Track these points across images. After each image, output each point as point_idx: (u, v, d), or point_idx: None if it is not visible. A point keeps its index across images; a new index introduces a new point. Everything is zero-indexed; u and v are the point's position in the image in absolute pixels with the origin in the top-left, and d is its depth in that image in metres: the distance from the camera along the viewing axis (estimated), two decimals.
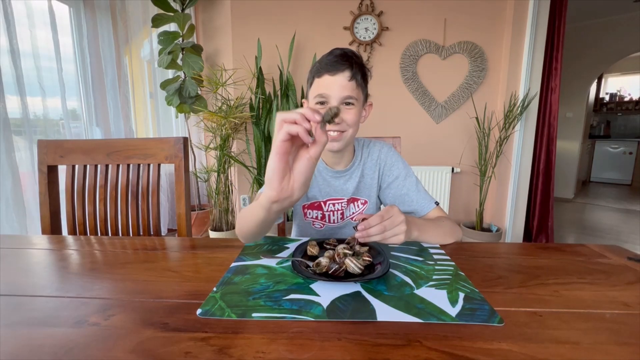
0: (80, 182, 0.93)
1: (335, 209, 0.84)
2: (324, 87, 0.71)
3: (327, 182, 0.84)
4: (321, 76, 0.71)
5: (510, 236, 2.33)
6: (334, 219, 0.85)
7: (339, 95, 0.70)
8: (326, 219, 0.85)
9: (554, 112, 2.38)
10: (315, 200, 0.84)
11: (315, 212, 0.85)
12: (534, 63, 2.15)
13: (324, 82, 0.71)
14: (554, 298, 0.47)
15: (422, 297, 0.46)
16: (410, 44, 2.20)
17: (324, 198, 0.84)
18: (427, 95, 2.26)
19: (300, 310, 0.42)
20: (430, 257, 0.61)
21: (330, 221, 0.85)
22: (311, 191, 0.85)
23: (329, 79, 0.70)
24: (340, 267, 0.52)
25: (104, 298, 0.47)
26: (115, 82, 2.05)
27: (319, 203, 0.84)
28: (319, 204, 0.84)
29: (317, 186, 0.84)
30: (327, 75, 0.71)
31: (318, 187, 0.84)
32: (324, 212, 0.84)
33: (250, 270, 0.55)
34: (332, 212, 0.84)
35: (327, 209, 0.84)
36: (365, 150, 0.86)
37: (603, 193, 4.51)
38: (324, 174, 0.84)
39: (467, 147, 2.31)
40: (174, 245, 0.71)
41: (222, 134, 2.12)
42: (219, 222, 2.26)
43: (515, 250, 0.67)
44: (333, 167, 0.84)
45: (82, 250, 0.67)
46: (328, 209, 0.84)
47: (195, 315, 0.42)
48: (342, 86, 0.70)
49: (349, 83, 0.70)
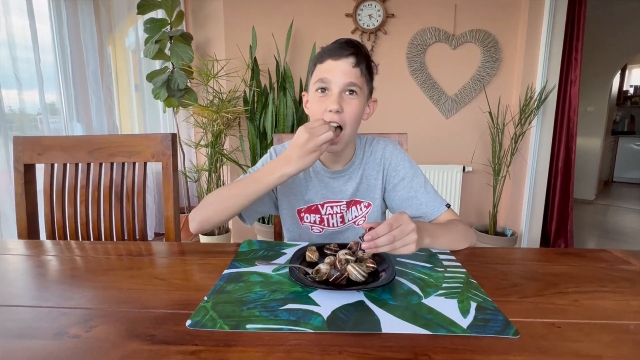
0: (59, 182, 0.93)
1: (334, 211, 0.84)
2: (325, 72, 0.71)
3: (324, 184, 0.84)
4: (323, 61, 0.72)
5: (526, 241, 2.33)
6: (334, 222, 0.85)
7: (342, 82, 0.70)
8: (325, 222, 0.85)
9: (574, 106, 2.38)
10: (312, 203, 0.84)
11: (312, 216, 0.84)
12: (551, 53, 2.15)
13: (326, 66, 0.71)
14: (573, 308, 0.47)
15: (430, 306, 0.46)
16: (418, 32, 2.20)
17: (321, 200, 0.84)
18: (436, 88, 2.26)
19: (299, 321, 0.42)
20: (440, 263, 0.61)
21: (329, 225, 0.85)
22: (307, 194, 0.84)
23: (331, 64, 0.70)
24: (341, 275, 0.52)
25: (86, 308, 0.47)
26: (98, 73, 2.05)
27: (316, 206, 0.84)
28: (316, 207, 0.84)
29: (313, 188, 0.84)
30: (329, 60, 0.71)
31: (314, 190, 0.84)
32: (322, 215, 0.84)
33: (245, 277, 0.55)
34: (330, 216, 0.84)
35: (325, 212, 0.84)
36: (368, 149, 0.85)
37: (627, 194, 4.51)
38: (320, 174, 0.84)
39: (480, 144, 2.31)
40: (162, 250, 0.71)
41: (214, 130, 2.12)
42: None
43: (532, 256, 0.67)
44: (330, 166, 0.83)
45: (61, 256, 0.67)
46: (326, 212, 0.84)
47: (184, 327, 0.42)
48: (345, 72, 0.70)
49: (353, 69, 0.70)
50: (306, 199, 0.84)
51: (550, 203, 2.53)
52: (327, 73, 0.71)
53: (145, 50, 2.12)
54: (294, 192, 0.85)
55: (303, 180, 0.84)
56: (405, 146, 1.00)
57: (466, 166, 2.29)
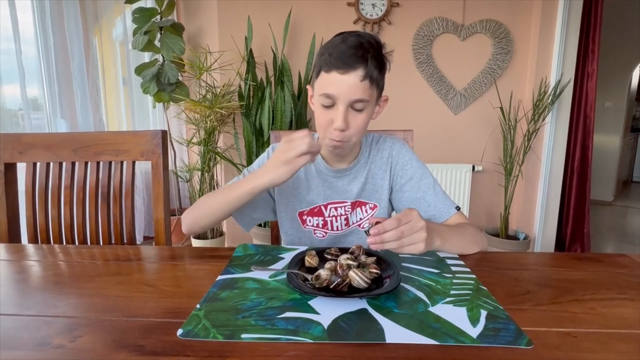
0: (42, 183, 0.93)
1: (338, 213, 0.84)
2: (331, 86, 0.69)
3: (327, 183, 0.84)
4: (329, 71, 0.69)
5: (539, 245, 2.33)
6: (337, 225, 0.85)
7: (348, 99, 0.69)
8: (328, 225, 0.85)
9: (591, 101, 2.38)
10: (315, 205, 0.84)
11: (315, 219, 0.84)
12: (567, 44, 2.16)
13: (331, 79, 0.68)
14: (590, 316, 0.47)
15: (438, 315, 0.46)
16: (425, 22, 2.20)
17: (324, 201, 0.84)
18: (443, 82, 2.26)
19: (297, 331, 0.42)
20: (448, 269, 0.61)
21: (333, 228, 0.85)
22: (309, 195, 0.84)
23: (337, 78, 0.68)
24: (343, 281, 0.52)
25: (70, 316, 0.47)
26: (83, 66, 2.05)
27: (319, 208, 0.84)
28: (319, 209, 0.84)
29: (316, 188, 0.84)
30: (335, 72, 0.68)
31: (317, 190, 0.84)
32: (326, 218, 0.84)
33: (240, 284, 0.55)
34: (334, 218, 0.84)
35: (329, 214, 0.84)
36: (374, 147, 0.85)
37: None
38: (324, 174, 0.84)
39: (490, 141, 2.31)
40: (151, 255, 0.71)
41: (207, 127, 2.12)
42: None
43: (546, 261, 0.67)
44: (334, 164, 0.84)
45: (44, 261, 0.67)
46: (330, 214, 0.84)
47: (175, 337, 0.42)
48: (352, 87, 0.68)
49: (361, 84, 0.68)
50: (308, 200, 0.84)
51: (565, 205, 2.53)
52: (333, 88, 0.69)
53: (133, 42, 2.12)
54: (295, 193, 0.85)
55: (304, 180, 0.84)
56: (411, 144, 1.00)
57: (476, 165, 2.29)
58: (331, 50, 0.69)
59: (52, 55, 1.90)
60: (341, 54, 0.67)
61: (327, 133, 0.73)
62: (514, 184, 2.21)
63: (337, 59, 0.68)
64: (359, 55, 0.67)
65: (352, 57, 0.67)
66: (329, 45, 0.71)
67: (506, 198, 2.22)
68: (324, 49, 0.71)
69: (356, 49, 0.67)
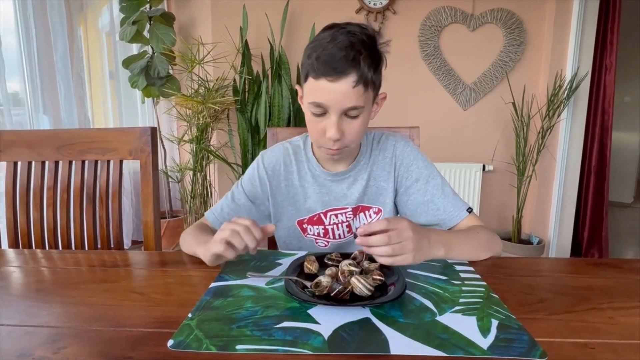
0: (23, 183, 0.93)
1: (339, 221, 0.83)
2: (321, 95, 0.67)
3: (325, 189, 0.83)
4: (318, 78, 0.66)
5: (554, 250, 2.33)
6: (339, 233, 0.84)
7: (340, 107, 0.67)
8: (330, 234, 0.84)
9: (609, 96, 2.38)
10: (314, 213, 0.83)
11: (316, 227, 0.84)
12: (584, 35, 2.16)
13: (321, 87, 0.66)
14: (608, 326, 0.47)
15: (446, 325, 0.46)
16: (432, 11, 2.20)
17: (323, 209, 0.83)
18: (452, 76, 2.26)
19: (296, 342, 0.42)
20: (457, 275, 0.61)
21: (335, 237, 0.84)
22: (307, 202, 0.84)
23: (327, 85, 0.65)
24: (345, 288, 0.52)
25: (53, 326, 0.47)
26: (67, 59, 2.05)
27: (319, 216, 0.83)
28: (318, 217, 0.83)
29: (314, 195, 0.83)
30: (324, 80, 0.65)
31: (315, 196, 0.83)
32: (326, 226, 0.84)
33: (234, 291, 0.55)
34: (335, 226, 0.84)
35: (329, 222, 0.83)
36: (376, 146, 0.84)
37: None
38: (320, 178, 0.83)
39: (502, 139, 2.31)
40: (140, 260, 0.71)
41: (199, 124, 2.12)
42: None
43: (561, 267, 0.67)
44: (330, 168, 0.83)
45: (25, 267, 0.67)
46: (330, 221, 0.83)
47: (165, 348, 0.42)
48: (344, 95, 0.65)
49: (353, 90, 0.65)
50: (307, 208, 0.83)
51: (582, 207, 2.53)
52: (323, 96, 0.67)
53: (121, 33, 2.12)
54: (292, 202, 0.84)
55: (299, 187, 0.84)
56: (416, 142, 1.00)
57: (486, 164, 2.29)
58: (318, 53, 0.65)
59: (33, 46, 1.90)
60: (330, 59, 0.64)
61: (321, 142, 0.72)
62: (527, 185, 2.21)
63: (326, 64, 0.64)
64: (350, 58, 0.64)
65: (342, 62, 0.64)
66: (316, 45, 0.67)
67: (519, 200, 2.22)
68: (311, 49, 0.68)
69: (347, 51, 0.64)
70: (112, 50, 2.41)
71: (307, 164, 0.84)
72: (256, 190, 0.84)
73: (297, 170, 0.84)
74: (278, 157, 0.85)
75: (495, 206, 2.39)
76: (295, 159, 0.84)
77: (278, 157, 0.85)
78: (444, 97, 2.29)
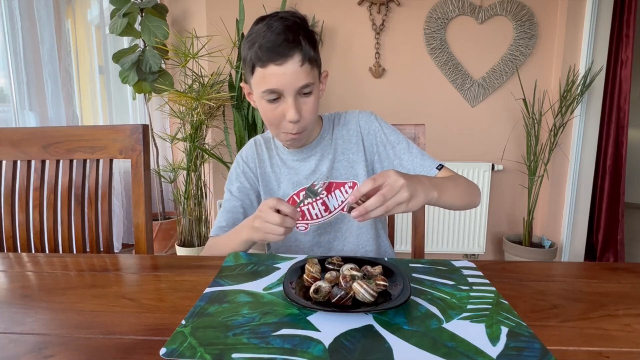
0: (8, 183, 0.93)
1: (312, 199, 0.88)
2: (273, 81, 0.73)
3: (294, 170, 0.88)
4: (266, 65, 0.72)
5: (567, 253, 2.33)
6: (316, 212, 0.88)
7: (294, 87, 0.73)
8: (307, 215, 0.88)
9: (625, 92, 2.38)
10: (288, 196, 0.88)
11: None
12: (598, 28, 2.15)
13: (271, 72, 0.72)
14: (624, 334, 0.47)
15: (453, 332, 0.46)
16: (438, 3, 2.20)
17: (295, 189, 0.88)
18: (459, 71, 2.26)
19: (295, 350, 0.42)
20: (464, 280, 0.61)
21: (312, 217, 0.88)
22: (280, 187, 0.89)
23: (276, 70, 0.71)
24: (346, 294, 0.52)
25: (40, 334, 0.47)
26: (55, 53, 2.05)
27: (292, 198, 0.88)
28: (292, 199, 0.88)
29: (284, 179, 0.88)
30: (272, 66, 0.71)
31: (286, 180, 0.88)
32: (301, 207, 0.88)
33: (230, 297, 0.55)
34: (310, 205, 0.88)
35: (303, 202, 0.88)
36: (337, 122, 0.91)
37: None
38: (289, 161, 0.89)
39: (512, 137, 2.31)
40: (131, 265, 0.71)
41: (193, 121, 2.12)
42: (188, 235, 2.26)
43: (574, 272, 0.67)
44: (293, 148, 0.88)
45: (10, 272, 0.67)
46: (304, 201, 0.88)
47: (158, 356, 0.42)
48: (295, 75, 0.72)
49: (302, 69, 0.72)
50: (281, 194, 0.89)
51: (596, 208, 2.53)
52: (275, 82, 0.72)
53: (111, 26, 2.12)
54: (268, 190, 0.90)
55: (272, 174, 0.90)
56: (422, 139, 1.00)
57: (496, 164, 2.29)
58: (260, 43, 0.71)
59: (19, 39, 1.91)
60: (272, 45, 0.70)
61: (281, 128, 0.78)
62: (539, 185, 2.21)
63: (270, 50, 0.70)
64: (291, 40, 0.71)
65: (285, 44, 0.70)
66: (254, 37, 0.73)
67: (530, 201, 2.22)
68: (250, 42, 0.74)
69: (286, 34, 0.70)
70: (101, 44, 2.41)
71: (275, 150, 0.92)
72: (244, 185, 0.90)
73: (268, 158, 0.92)
74: (252, 150, 0.93)
75: (505, 208, 2.39)
76: (266, 147, 0.93)
77: (252, 150, 0.93)
78: (451, 93, 2.29)
